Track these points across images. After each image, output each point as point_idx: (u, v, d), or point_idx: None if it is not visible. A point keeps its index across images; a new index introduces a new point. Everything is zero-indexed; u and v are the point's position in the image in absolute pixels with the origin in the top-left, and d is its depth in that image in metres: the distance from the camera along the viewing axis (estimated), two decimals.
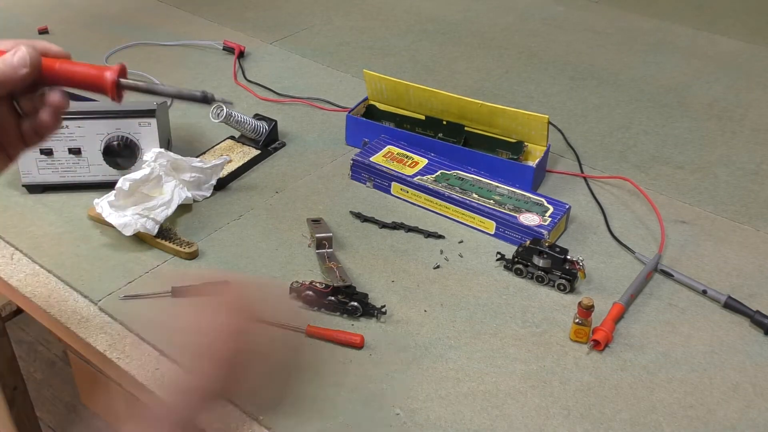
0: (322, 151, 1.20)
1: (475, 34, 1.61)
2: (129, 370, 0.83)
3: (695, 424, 0.79)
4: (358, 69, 1.38)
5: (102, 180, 1.07)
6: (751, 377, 0.84)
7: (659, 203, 1.10)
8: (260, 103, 1.32)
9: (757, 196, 1.14)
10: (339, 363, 0.84)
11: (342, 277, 0.91)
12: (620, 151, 1.23)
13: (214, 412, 0.77)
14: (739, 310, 0.92)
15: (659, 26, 1.67)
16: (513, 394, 0.81)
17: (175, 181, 1.01)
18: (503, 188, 1.06)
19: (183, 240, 0.99)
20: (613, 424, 0.78)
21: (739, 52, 1.56)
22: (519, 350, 0.86)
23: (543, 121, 1.09)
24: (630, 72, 1.48)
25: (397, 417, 0.78)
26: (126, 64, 0.61)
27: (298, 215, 1.06)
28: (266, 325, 0.61)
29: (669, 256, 1.01)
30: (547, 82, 1.43)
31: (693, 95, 1.40)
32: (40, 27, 1.56)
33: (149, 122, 1.05)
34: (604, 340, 0.86)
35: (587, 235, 1.04)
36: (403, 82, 1.17)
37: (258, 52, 1.50)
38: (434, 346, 0.86)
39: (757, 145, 1.26)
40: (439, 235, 1.03)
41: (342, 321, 0.89)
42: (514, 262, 0.96)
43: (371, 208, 1.08)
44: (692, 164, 1.21)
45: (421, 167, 1.10)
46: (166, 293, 0.91)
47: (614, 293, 0.94)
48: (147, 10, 1.68)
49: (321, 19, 1.66)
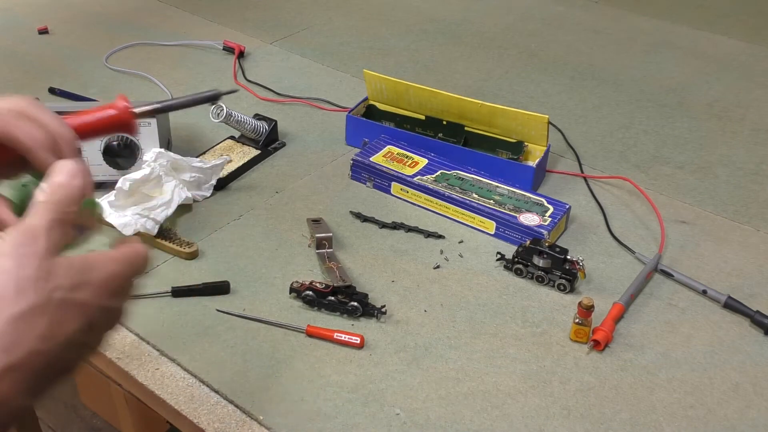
0: (322, 151, 1.20)
1: (475, 34, 1.61)
2: (129, 370, 0.83)
3: (695, 424, 0.79)
4: (358, 69, 1.38)
5: (102, 180, 1.07)
6: (751, 377, 0.84)
7: (659, 203, 1.10)
8: (260, 103, 1.32)
9: (757, 196, 1.14)
10: (339, 363, 0.84)
11: (342, 277, 0.91)
12: (620, 151, 1.23)
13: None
14: (739, 310, 0.92)
15: (659, 26, 1.67)
16: (513, 394, 0.81)
17: (175, 181, 1.01)
18: (503, 188, 1.06)
19: (183, 240, 0.99)
20: (613, 424, 0.78)
21: (739, 52, 1.56)
22: (519, 350, 0.86)
23: (543, 121, 1.09)
24: (630, 72, 1.48)
25: (397, 417, 0.78)
26: (125, 96, 0.60)
27: (298, 215, 1.06)
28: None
29: (669, 256, 1.01)
30: (547, 82, 1.43)
31: (693, 95, 1.40)
32: (40, 27, 1.56)
33: (149, 122, 1.05)
34: (604, 340, 0.86)
35: (587, 235, 1.04)
36: (403, 82, 1.17)
37: (258, 52, 1.50)
38: (434, 346, 0.86)
39: (757, 145, 1.26)
40: (439, 235, 1.03)
41: (342, 321, 0.89)
42: (514, 262, 0.96)
43: (371, 208, 1.08)
44: (692, 164, 1.21)
45: (421, 167, 1.10)
46: (166, 293, 0.91)
47: (614, 293, 0.94)
48: (147, 10, 1.68)
49: (321, 19, 1.66)
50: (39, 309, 0.45)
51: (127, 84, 1.38)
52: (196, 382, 0.82)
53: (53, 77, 1.38)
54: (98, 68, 1.43)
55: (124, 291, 0.51)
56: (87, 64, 1.44)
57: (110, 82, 1.38)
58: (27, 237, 0.47)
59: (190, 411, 0.78)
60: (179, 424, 0.80)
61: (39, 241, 0.47)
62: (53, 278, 0.46)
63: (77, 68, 1.43)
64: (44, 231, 0.47)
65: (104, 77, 1.40)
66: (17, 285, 0.45)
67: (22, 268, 0.46)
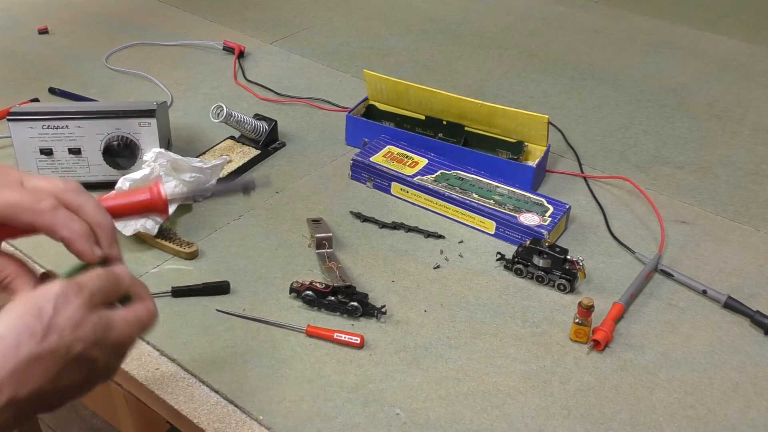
0: (322, 151, 1.20)
1: (475, 34, 1.61)
2: (129, 370, 0.83)
3: (695, 424, 0.79)
4: (358, 69, 1.38)
5: (102, 180, 1.07)
6: (751, 377, 0.84)
7: (659, 203, 1.10)
8: (260, 103, 1.32)
9: (757, 196, 1.14)
10: (339, 363, 0.84)
11: (342, 277, 0.91)
12: (620, 151, 1.23)
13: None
14: (739, 310, 0.92)
15: (659, 26, 1.67)
16: (513, 394, 0.81)
17: (175, 181, 1.01)
18: (503, 188, 1.06)
19: (183, 240, 0.99)
20: (613, 424, 0.78)
21: (739, 52, 1.56)
22: (519, 350, 0.86)
23: (543, 121, 1.09)
24: (630, 72, 1.48)
25: (397, 417, 0.78)
26: (160, 181, 0.63)
27: (298, 215, 1.06)
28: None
29: (669, 256, 1.01)
30: (547, 82, 1.43)
31: (693, 95, 1.40)
32: (40, 27, 1.56)
33: (149, 122, 1.05)
34: (604, 340, 0.86)
35: (587, 235, 1.04)
36: (403, 82, 1.17)
37: (258, 52, 1.50)
38: (434, 346, 0.86)
39: (757, 145, 1.26)
40: (439, 235, 1.03)
41: (342, 321, 0.89)
42: (514, 262, 0.96)
43: (371, 208, 1.08)
44: (692, 164, 1.21)
45: (421, 167, 1.10)
46: (166, 293, 0.91)
47: (614, 293, 0.94)
48: (147, 10, 1.68)
49: (321, 19, 1.66)
50: (57, 355, 0.48)
51: (127, 84, 1.38)
52: (196, 382, 0.82)
53: (53, 77, 1.38)
54: (98, 68, 1.43)
55: (128, 352, 0.55)
56: (87, 64, 1.44)
57: (110, 82, 1.38)
58: (73, 287, 0.51)
59: (190, 411, 0.78)
60: (179, 424, 0.80)
61: (83, 293, 0.51)
62: (80, 331, 0.50)
63: (77, 68, 1.43)
64: (89, 289, 0.51)
65: (104, 77, 1.40)
66: (47, 327, 0.48)
67: (57, 313, 0.49)
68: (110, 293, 0.54)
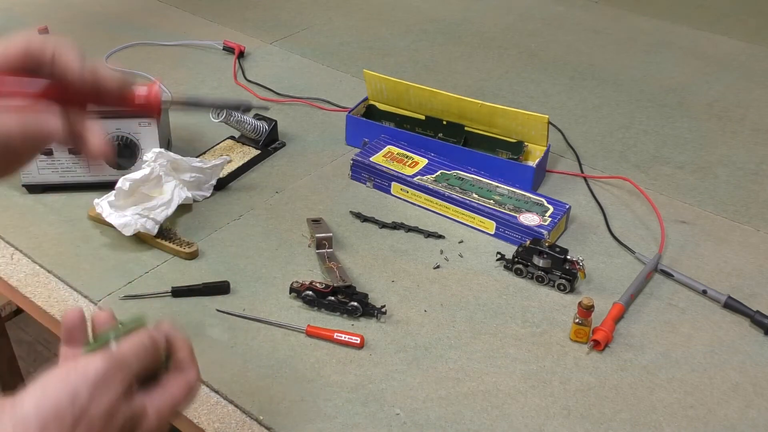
0: (322, 151, 1.20)
1: (475, 34, 1.61)
2: None
3: (695, 424, 0.79)
4: (358, 69, 1.38)
5: (102, 180, 1.07)
6: (751, 377, 0.84)
7: (659, 203, 1.10)
8: (260, 103, 1.32)
9: (757, 196, 1.14)
10: (339, 363, 0.84)
11: (342, 277, 0.91)
12: (620, 151, 1.23)
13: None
14: (739, 310, 0.92)
15: (659, 26, 1.67)
16: (513, 394, 0.81)
17: (175, 181, 1.01)
18: (503, 188, 1.06)
19: (183, 240, 0.99)
20: (613, 424, 0.78)
21: (739, 52, 1.56)
22: (519, 350, 0.86)
23: (543, 121, 1.09)
24: (630, 72, 1.48)
25: (397, 417, 0.78)
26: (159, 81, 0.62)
27: (298, 215, 1.06)
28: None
29: (669, 256, 1.01)
30: (547, 82, 1.43)
31: (693, 95, 1.40)
32: (40, 27, 1.55)
33: (149, 122, 1.05)
34: (604, 340, 0.86)
35: (587, 235, 1.04)
36: (403, 82, 1.17)
37: (258, 52, 1.50)
38: (434, 346, 0.86)
39: (757, 145, 1.26)
40: (439, 235, 1.03)
41: (342, 321, 0.89)
42: (514, 262, 0.96)
43: (371, 208, 1.08)
44: (692, 164, 1.21)
45: (421, 167, 1.10)
46: (166, 293, 0.91)
47: (614, 293, 0.94)
48: (147, 10, 1.68)
49: (321, 19, 1.66)
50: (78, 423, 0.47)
51: None
52: None
53: None
54: None
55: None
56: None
57: None
58: (114, 368, 0.50)
59: (190, 411, 0.78)
60: (179, 424, 0.80)
61: (125, 377, 0.50)
62: (110, 425, 0.48)
63: None
64: (131, 370, 0.51)
65: None
66: (78, 418, 0.47)
67: (92, 401, 0.48)
68: (150, 365, 0.53)
